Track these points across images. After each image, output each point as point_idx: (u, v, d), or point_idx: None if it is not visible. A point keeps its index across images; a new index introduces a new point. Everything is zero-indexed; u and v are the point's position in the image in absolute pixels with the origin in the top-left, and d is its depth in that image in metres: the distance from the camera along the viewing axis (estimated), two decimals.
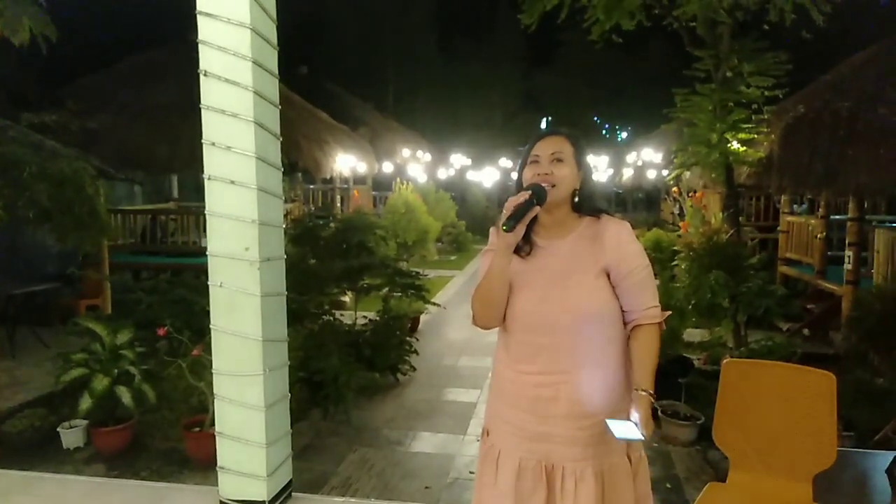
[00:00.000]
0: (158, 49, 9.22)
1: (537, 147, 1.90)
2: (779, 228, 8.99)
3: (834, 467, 2.27)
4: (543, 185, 1.82)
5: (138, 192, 13.00)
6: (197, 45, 2.78)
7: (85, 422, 4.24)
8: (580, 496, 1.81)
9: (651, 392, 1.77)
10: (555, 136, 1.92)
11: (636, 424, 1.70)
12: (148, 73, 8.70)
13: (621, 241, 1.87)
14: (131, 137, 7.82)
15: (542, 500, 1.83)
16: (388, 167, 14.37)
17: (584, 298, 1.82)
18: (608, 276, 1.85)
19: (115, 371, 4.11)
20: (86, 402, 3.94)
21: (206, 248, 2.89)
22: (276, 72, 2.89)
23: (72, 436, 4.24)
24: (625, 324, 1.89)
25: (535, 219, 1.85)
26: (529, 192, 1.78)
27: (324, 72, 17.32)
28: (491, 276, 1.86)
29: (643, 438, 1.71)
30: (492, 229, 1.99)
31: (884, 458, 2.62)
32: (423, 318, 7.73)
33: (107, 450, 4.15)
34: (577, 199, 1.90)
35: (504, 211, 1.77)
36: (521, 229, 1.77)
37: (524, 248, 1.89)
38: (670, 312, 1.85)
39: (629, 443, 1.87)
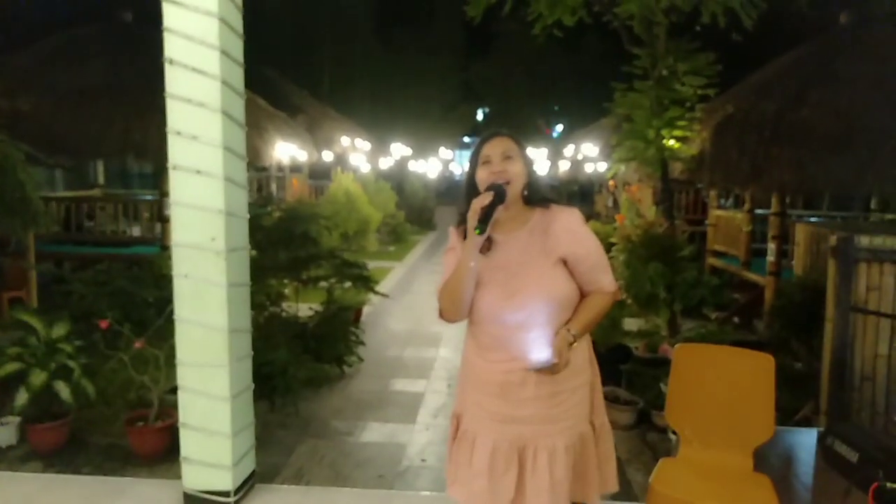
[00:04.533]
0: (85, 27, 8.77)
1: (486, 148, 2.03)
2: (707, 222, 9.49)
3: (768, 442, 2.50)
4: (501, 182, 1.95)
5: (59, 178, 12.38)
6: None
7: (17, 418, 4.08)
8: (555, 469, 1.95)
9: (573, 333, 1.94)
10: (500, 136, 2.05)
11: (549, 351, 1.90)
12: (74, 53, 8.25)
13: (572, 229, 2.02)
14: (56, 120, 7.43)
15: (513, 479, 1.97)
16: (326, 156, 14.20)
17: (544, 288, 1.96)
18: (565, 263, 2.00)
19: (53, 365, 3.97)
20: (22, 398, 3.79)
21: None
22: (242, 61, 2.88)
23: (4, 433, 4.06)
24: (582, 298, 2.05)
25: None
26: (492, 192, 1.90)
27: (259, 56, 16.87)
28: (459, 275, 1.97)
29: (552, 361, 1.89)
30: (451, 229, 2.12)
31: (808, 434, 2.89)
32: (365, 309, 7.74)
33: (43, 447, 4.00)
34: (526, 193, 2.04)
35: (470, 213, 1.90)
36: (489, 229, 1.90)
37: (484, 244, 2.00)
38: (621, 282, 2.06)
39: (591, 409, 2.09)
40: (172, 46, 2.71)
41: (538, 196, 2.05)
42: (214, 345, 2.84)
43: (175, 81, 2.73)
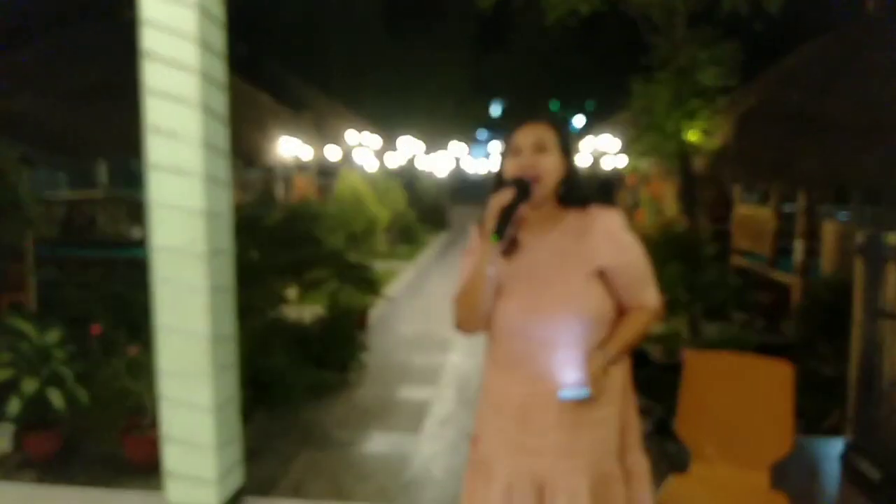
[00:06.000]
0: (84, 26, 8.83)
1: (518, 136, 1.81)
2: (732, 219, 9.34)
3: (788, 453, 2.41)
4: (527, 178, 1.73)
5: (61, 179, 12.50)
6: (131, 23, 2.69)
7: (11, 426, 4.09)
8: None
9: (609, 357, 1.75)
10: (535, 122, 1.82)
11: (581, 382, 1.72)
12: (73, 52, 8.28)
13: (614, 235, 1.80)
14: (55, 120, 7.48)
15: None
16: (335, 153, 14.17)
17: (576, 302, 1.76)
18: (602, 273, 1.78)
19: (45, 372, 3.97)
20: (15, 406, 3.79)
21: (139, 240, 2.84)
22: (224, 53, 2.82)
23: None
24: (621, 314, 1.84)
25: None
26: (513, 189, 1.70)
27: (264, 51, 16.92)
28: (475, 282, 1.78)
29: (587, 395, 1.72)
30: (472, 227, 1.91)
31: (834, 444, 2.79)
32: (373, 312, 7.71)
33: (37, 455, 4.01)
34: (562, 191, 1.82)
35: (489, 213, 1.70)
36: (510, 232, 1.72)
37: (508, 246, 1.80)
38: (666, 298, 1.87)
39: (622, 446, 1.90)
40: (149, 38, 2.64)
41: (575, 194, 1.82)
42: (196, 353, 2.79)
43: (152, 75, 2.66)
